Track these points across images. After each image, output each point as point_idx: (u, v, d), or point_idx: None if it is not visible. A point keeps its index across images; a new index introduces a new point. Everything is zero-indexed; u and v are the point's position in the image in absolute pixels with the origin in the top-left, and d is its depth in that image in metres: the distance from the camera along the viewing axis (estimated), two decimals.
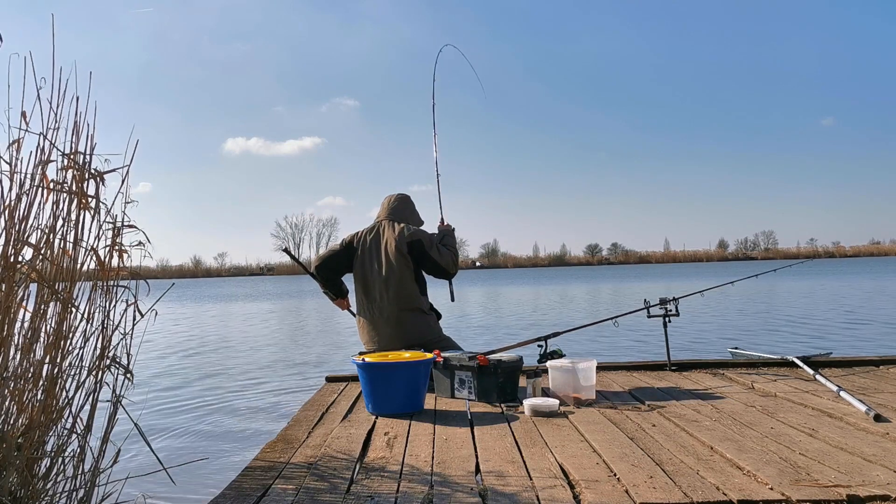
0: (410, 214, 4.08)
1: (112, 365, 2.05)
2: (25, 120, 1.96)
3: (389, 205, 4.09)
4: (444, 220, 4.19)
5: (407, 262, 3.86)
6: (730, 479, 2.06)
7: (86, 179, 2.02)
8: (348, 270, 4.08)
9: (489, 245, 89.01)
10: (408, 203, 4.12)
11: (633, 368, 4.30)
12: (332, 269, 4.10)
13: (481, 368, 3.35)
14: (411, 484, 2.13)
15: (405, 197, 4.15)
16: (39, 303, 1.96)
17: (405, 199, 4.13)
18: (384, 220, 4.03)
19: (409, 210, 4.10)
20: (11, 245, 1.90)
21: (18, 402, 1.91)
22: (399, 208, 4.07)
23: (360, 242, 3.99)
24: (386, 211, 4.07)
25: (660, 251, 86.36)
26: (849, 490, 1.92)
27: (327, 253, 4.14)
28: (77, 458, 2.00)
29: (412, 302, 3.87)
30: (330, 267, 4.10)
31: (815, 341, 8.48)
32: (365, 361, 3.21)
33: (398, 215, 4.04)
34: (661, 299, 4.10)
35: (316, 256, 4.24)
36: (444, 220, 4.19)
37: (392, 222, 3.99)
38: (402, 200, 4.11)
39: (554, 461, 2.32)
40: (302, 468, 2.35)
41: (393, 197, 4.13)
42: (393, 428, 2.91)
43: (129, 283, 2.10)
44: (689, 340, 8.78)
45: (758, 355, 4.66)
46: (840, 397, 3.19)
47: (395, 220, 4.00)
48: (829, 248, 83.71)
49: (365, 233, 4.02)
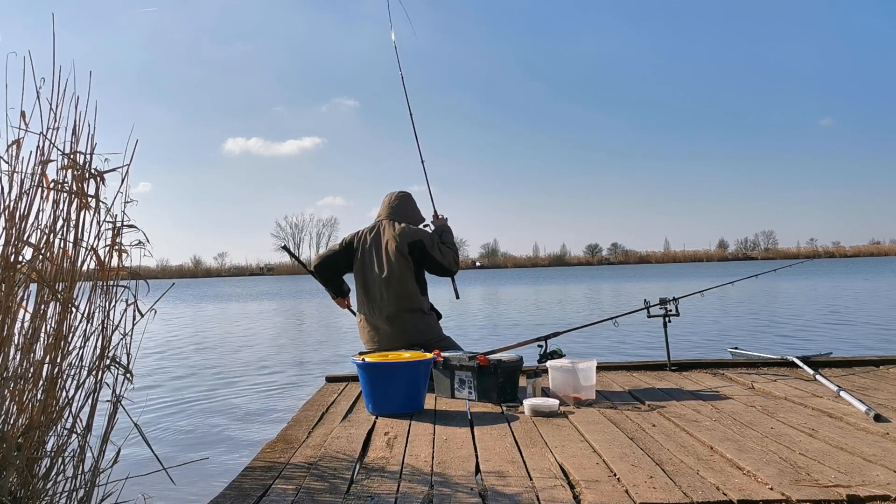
0: (411, 213, 4.06)
1: (112, 365, 2.05)
2: (25, 120, 1.95)
3: (390, 203, 4.06)
4: (437, 211, 4.17)
5: (408, 262, 3.85)
6: (730, 479, 2.06)
7: (86, 179, 2.02)
8: (348, 270, 4.06)
9: (489, 245, 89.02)
10: (409, 201, 4.09)
11: (633, 368, 4.30)
12: (330, 269, 4.09)
13: (481, 368, 3.35)
14: (411, 484, 2.13)
15: (406, 195, 4.12)
16: (39, 303, 1.96)
17: (406, 197, 4.10)
18: (384, 219, 4.01)
19: (410, 208, 4.07)
20: (11, 245, 1.90)
21: (18, 402, 1.90)
22: (399, 207, 4.04)
23: (361, 242, 3.98)
24: (386, 210, 4.05)
25: (660, 251, 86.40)
26: (849, 490, 1.92)
27: (326, 253, 4.13)
28: (77, 458, 1.99)
29: (412, 302, 3.87)
30: (329, 267, 4.09)
31: (815, 341, 8.48)
32: (365, 361, 3.21)
33: (399, 214, 4.01)
34: (661, 299, 4.10)
35: (316, 256, 4.24)
36: (437, 211, 4.17)
37: (392, 221, 3.97)
38: (403, 199, 4.08)
39: (554, 461, 2.32)
40: (302, 468, 2.35)
41: (393, 195, 4.10)
42: (393, 428, 2.91)
43: (128, 283, 2.10)
44: (689, 340, 8.78)
45: (758, 355, 4.66)
46: (840, 397, 3.19)
47: (396, 220, 3.97)
48: (829, 248, 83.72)
49: (365, 232, 4.00)
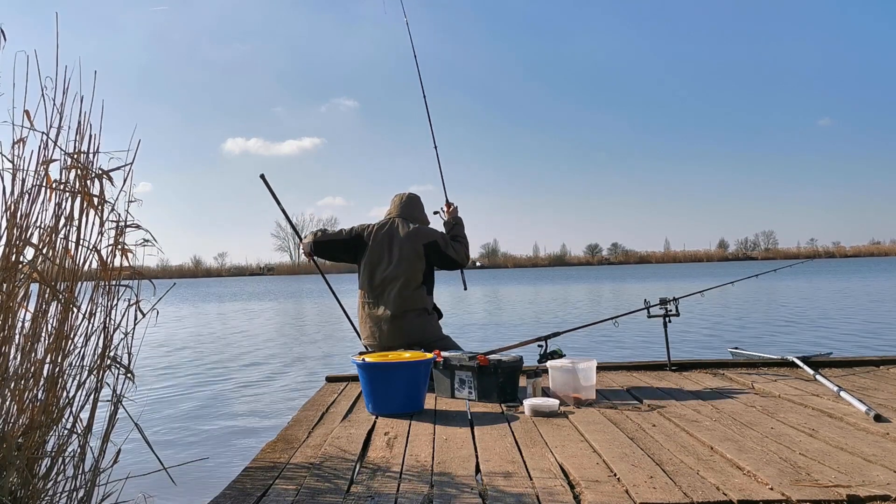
0: (420, 214, 4.13)
1: (113, 365, 2.05)
2: (30, 118, 1.95)
3: (401, 202, 4.13)
4: (449, 200, 4.21)
5: (421, 262, 3.89)
6: (730, 479, 2.07)
7: (90, 178, 2.02)
8: (345, 259, 4.09)
9: (489, 245, 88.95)
10: (418, 203, 4.17)
11: (633, 368, 4.30)
12: (326, 252, 4.13)
13: (481, 368, 3.36)
14: (411, 484, 2.13)
15: (416, 197, 4.19)
16: (41, 303, 1.96)
17: (416, 199, 4.18)
18: (396, 216, 4.06)
19: (419, 210, 4.15)
20: (13, 245, 1.90)
21: (19, 402, 1.91)
22: (410, 208, 4.11)
23: (371, 237, 3.99)
24: (397, 209, 4.11)
25: (660, 251, 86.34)
26: (849, 490, 1.92)
27: (329, 237, 4.11)
28: (77, 458, 2.00)
29: (417, 302, 3.88)
30: (326, 250, 4.11)
31: (816, 341, 8.48)
32: (365, 361, 3.21)
33: (409, 214, 4.08)
34: (662, 299, 4.10)
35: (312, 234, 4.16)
36: (449, 200, 4.21)
37: (405, 221, 4.02)
38: (413, 200, 4.16)
39: (554, 461, 2.32)
40: (302, 468, 2.35)
41: (404, 195, 4.17)
42: (393, 428, 2.91)
43: (130, 283, 2.10)
44: (689, 340, 8.78)
45: (758, 355, 4.66)
46: (840, 397, 3.19)
47: (407, 220, 4.03)
48: (829, 248, 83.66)
49: (376, 228, 4.02)
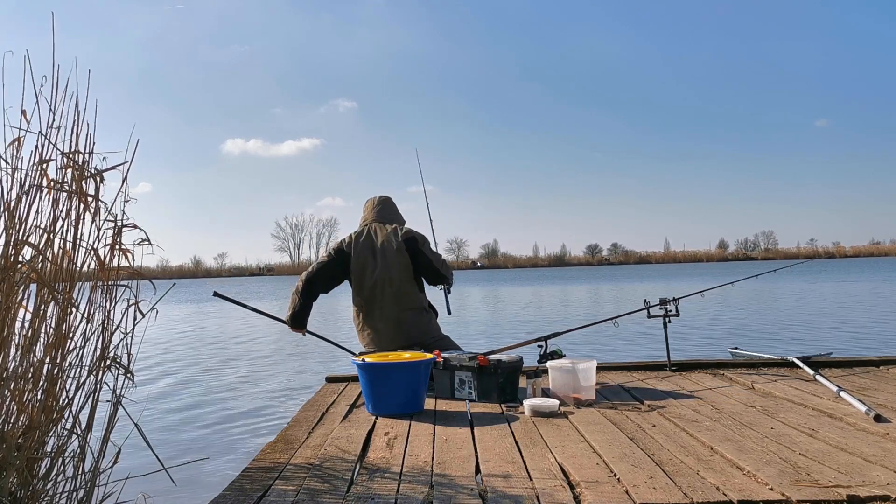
0: (395, 215, 4.12)
1: (112, 365, 2.04)
2: (26, 118, 1.95)
3: (374, 207, 4.11)
4: None
5: (405, 259, 3.86)
6: (730, 479, 2.06)
7: (85, 178, 2.01)
8: (344, 276, 3.96)
9: (489, 245, 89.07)
10: (391, 205, 4.16)
11: (633, 368, 4.30)
12: (328, 277, 3.94)
13: (481, 368, 3.35)
14: (411, 484, 2.13)
15: (388, 199, 4.18)
16: (39, 303, 1.96)
17: (389, 201, 4.17)
18: (372, 222, 4.03)
19: (394, 211, 4.14)
20: (11, 245, 1.90)
21: (18, 402, 1.90)
22: (385, 210, 4.10)
23: (352, 246, 3.93)
24: (373, 213, 4.08)
25: (660, 251, 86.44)
26: (849, 490, 1.92)
27: (317, 266, 3.97)
28: (77, 458, 1.99)
29: (412, 300, 3.88)
30: (325, 275, 3.93)
31: (815, 341, 8.48)
32: (365, 362, 3.21)
33: (385, 217, 4.06)
34: (661, 299, 4.09)
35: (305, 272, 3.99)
36: None
37: (382, 224, 4.01)
38: (386, 202, 4.14)
39: (554, 461, 2.32)
40: (302, 468, 2.35)
41: (376, 199, 4.15)
42: (393, 428, 2.91)
43: (129, 283, 2.10)
44: (689, 340, 8.78)
45: (758, 355, 4.66)
46: (840, 397, 3.19)
47: (385, 222, 4.02)
48: (829, 248, 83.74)
49: (354, 237, 3.97)
